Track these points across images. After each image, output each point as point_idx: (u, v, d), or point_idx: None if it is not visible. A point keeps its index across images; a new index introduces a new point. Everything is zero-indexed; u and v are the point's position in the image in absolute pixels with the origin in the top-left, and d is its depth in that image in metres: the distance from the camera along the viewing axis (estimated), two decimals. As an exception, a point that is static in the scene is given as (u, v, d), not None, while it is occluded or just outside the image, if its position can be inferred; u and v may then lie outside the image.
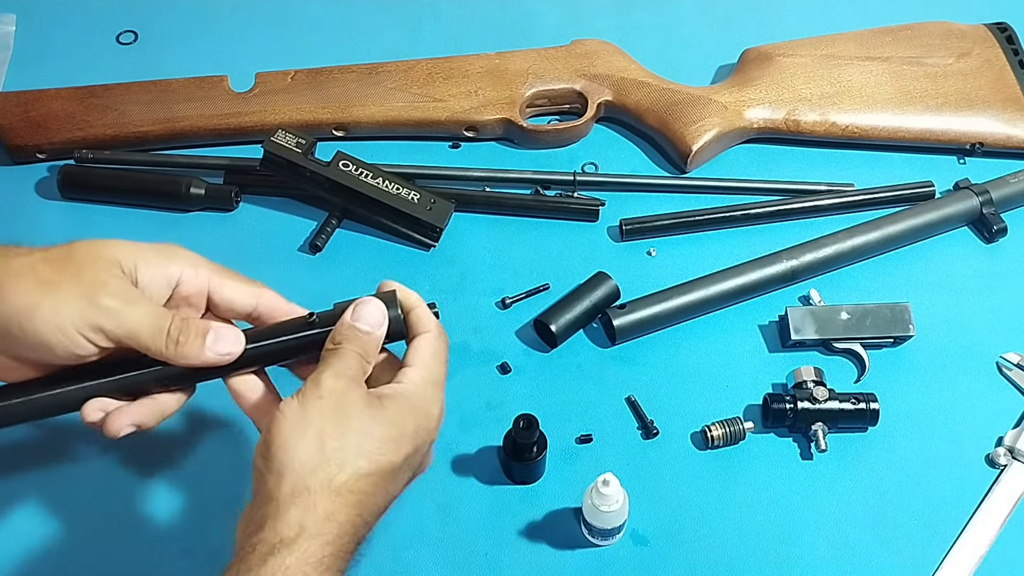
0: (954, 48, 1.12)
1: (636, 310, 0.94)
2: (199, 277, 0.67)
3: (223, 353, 0.65)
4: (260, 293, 0.69)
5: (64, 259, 0.63)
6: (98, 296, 0.61)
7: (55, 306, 0.60)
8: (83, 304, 0.61)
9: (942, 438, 0.90)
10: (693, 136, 1.06)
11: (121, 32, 1.22)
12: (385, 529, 0.84)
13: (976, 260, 1.02)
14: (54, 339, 0.61)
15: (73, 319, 0.61)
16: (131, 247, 0.65)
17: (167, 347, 0.63)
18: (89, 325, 0.61)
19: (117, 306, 0.62)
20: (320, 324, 0.68)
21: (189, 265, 0.66)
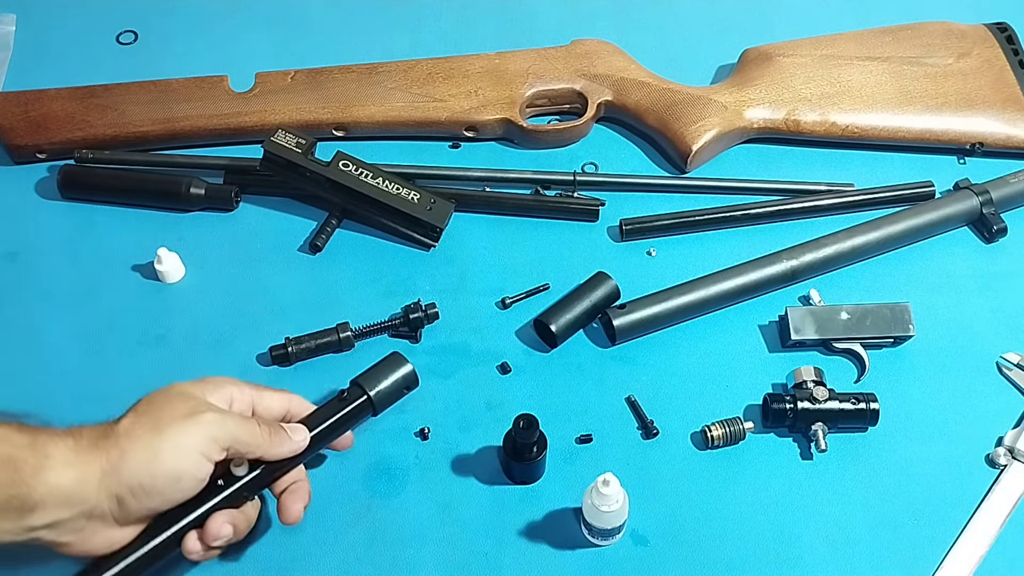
0: (954, 48, 1.12)
1: (636, 310, 0.94)
2: (244, 394, 0.76)
3: (301, 440, 0.76)
4: (290, 398, 0.80)
5: (148, 411, 0.71)
6: (200, 418, 0.70)
7: (174, 441, 0.69)
8: (193, 428, 0.69)
9: (942, 438, 0.90)
10: (693, 136, 1.06)
11: (121, 32, 1.22)
12: (385, 529, 0.85)
13: (976, 260, 1.02)
14: (183, 466, 0.69)
15: (193, 443, 0.69)
16: (190, 384, 0.74)
17: (264, 443, 0.73)
18: (205, 442, 0.70)
19: (219, 418, 0.71)
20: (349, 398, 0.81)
21: (234, 386, 0.76)
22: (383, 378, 0.82)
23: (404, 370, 0.82)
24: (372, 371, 0.82)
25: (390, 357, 0.83)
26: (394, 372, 0.82)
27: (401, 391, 0.83)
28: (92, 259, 1.02)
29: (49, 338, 0.96)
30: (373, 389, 0.81)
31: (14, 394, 0.92)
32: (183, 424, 0.69)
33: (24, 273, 1.01)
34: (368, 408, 0.81)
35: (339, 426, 0.80)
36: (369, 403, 0.81)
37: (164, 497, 0.70)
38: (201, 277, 1.01)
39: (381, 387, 0.81)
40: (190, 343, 0.96)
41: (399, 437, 0.90)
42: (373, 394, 0.81)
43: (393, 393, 0.82)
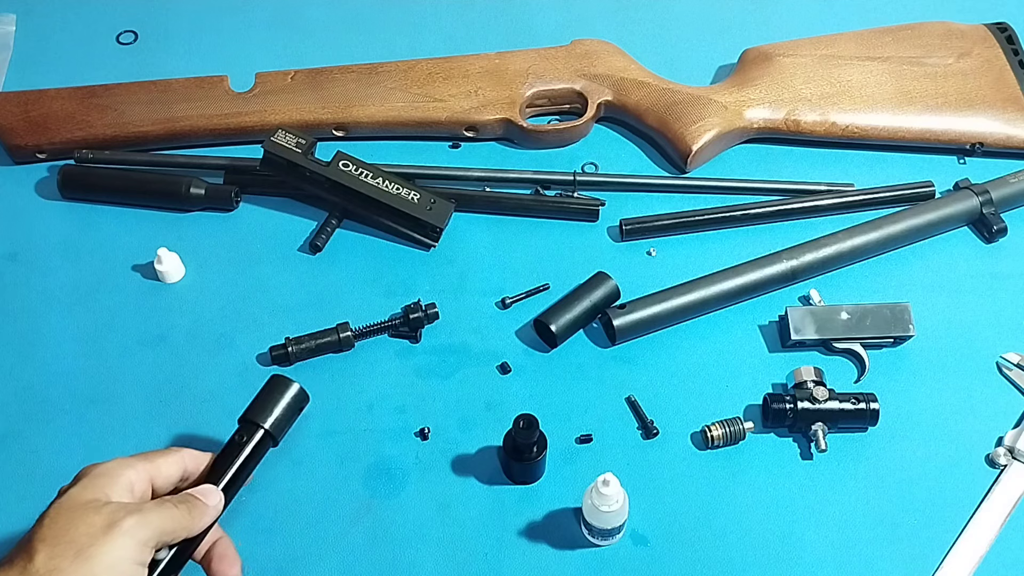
0: (954, 48, 1.12)
1: (636, 310, 0.94)
2: (140, 474, 0.69)
3: (217, 502, 0.71)
4: (182, 457, 0.73)
5: (59, 537, 0.63)
6: (121, 527, 0.63)
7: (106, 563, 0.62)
8: (119, 541, 0.63)
9: (942, 438, 0.90)
10: (693, 136, 1.06)
11: (121, 32, 1.22)
12: (385, 529, 0.85)
13: (976, 260, 1.02)
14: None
15: (127, 556, 0.63)
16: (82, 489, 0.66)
17: (188, 522, 0.68)
18: (137, 550, 0.64)
19: (139, 519, 0.64)
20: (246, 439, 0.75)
21: (128, 470, 0.68)
22: (274, 406, 0.76)
23: (292, 391, 0.77)
24: (258, 402, 0.76)
25: (272, 381, 0.77)
26: (283, 396, 0.77)
27: (295, 413, 0.78)
28: (92, 259, 1.02)
29: (49, 338, 0.97)
30: (267, 421, 0.75)
31: (14, 394, 0.92)
32: (107, 541, 0.62)
33: (24, 273, 1.01)
34: (268, 442, 0.76)
35: (244, 470, 0.74)
36: (268, 437, 0.76)
37: None
38: (201, 277, 1.01)
39: (275, 416, 0.76)
40: (190, 343, 0.96)
41: (399, 437, 0.90)
42: (269, 426, 0.75)
43: (288, 418, 0.77)
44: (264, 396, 0.77)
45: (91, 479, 0.67)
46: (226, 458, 0.74)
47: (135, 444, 0.89)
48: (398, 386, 0.93)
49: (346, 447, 0.89)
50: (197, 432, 0.90)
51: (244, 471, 0.74)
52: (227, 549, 0.74)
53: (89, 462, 0.88)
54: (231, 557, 0.73)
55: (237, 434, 0.75)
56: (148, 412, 0.91)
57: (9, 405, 0.92)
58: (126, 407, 0.92)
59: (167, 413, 0.91)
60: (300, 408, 0.78)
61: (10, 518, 0.85)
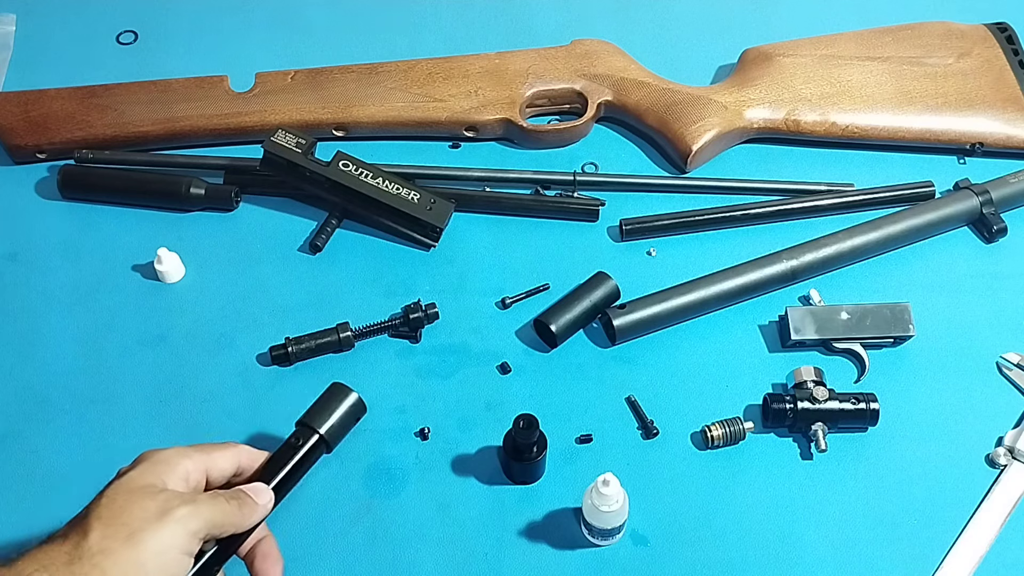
0: (954, 48, 1.12)
1: (636, 310, 0.94)
2: (197, 464, 0.70)
3: (268, 501, 0.72)
4: (238, 452, 0.74)
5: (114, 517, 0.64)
6: (174, 515, 0.64)
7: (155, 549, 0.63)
8: (171, 528, 0.64)
9: (942, 438, 0.90)
10: (693, 136, 1.06)
11: (121, 32, 1.22)
12: (385, 529, 0.85)
13: (976, 260, 1.02)
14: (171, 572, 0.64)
15: (175, 544, 0.64)
16: (141, 473, 0.67)
17: (237, 518, 0.69)
18: (186, 540, 0.65)
19: (192, 510, 0.66)
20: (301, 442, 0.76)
21: (186, 459, 0.70)
22: (331, 413, 0.78)
23: (350, 400, 0.79)
24: (318, 407, 0.78)
25: (333, 388, 0.79)
26: (341, 404, 0.78)
27: (351, 422, 0.79)
28: (92, 259, 1.02)
29: (49, 338, 0.97)
30: (323, 427, 0.77)
31: (14, 394, 0.92)
32: (159, 527, 0.64)
33: (24, 273, 1.01)
34: (322, 448, 0.77)
35: (296, 473, 0.76)
36: (323, 442, 0.77)
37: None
38: (201, 277, 1.01)
39: (331, 423, 0.77)
40: (190, 343, 0.96)
41: (399, 437, 0.90)
42: (324, 432, 0.77)
43: (344, 426, 0.79)
44: (323, 402, 0.78)
45: (150, 464, 0.68)
46: (280, 459, 0.75)
47: (135, 444, 0.88)
48: (398, 386, 0.93)
49: (346, 447, 0.89)
50: (197, 432, 0.90)
51: (296, 474, 0.75)
52: (271, 548, 0.74)
53: (89, 462, 0.88)
54: (274, 556, 0.74)
55: (293, 437, 0.76)
56: (148, 412, 0.91)
57: (9, 405, 0.92)
58: (126, 407, 0.92)
59: (167, 413, 0.91)
60: (357, 418, 0.80)
61: (10, 518, 0.85)
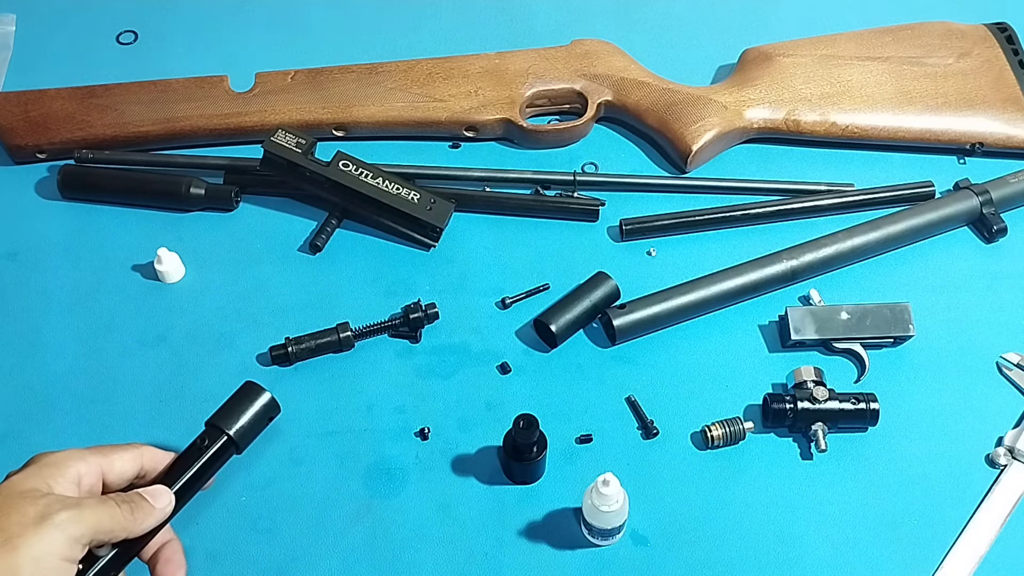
0: (954, 48, 1.12)
1: (636, 310, 0.94)
2: (91, 466, 0.67)
3: (165, 505, 0.68)
4: (140, 453, 0.70)
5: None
6: (53, 520, 0.61)
7: (31, 555, 0.60)
8: (49, 534, 0.61)
9: (942, 438, 0.90)
10: (693, 136, 1.06)
11: (121, 32, 1.22)
12: (385, 529, 0.85)
13: (976, 260, 1.02)
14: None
15: (54, 550, 0.61)
16: (25, 476, 0.64)
17: (128, 523, 0.65)
18: (66, 546, 0.61)
19: (74, 514, 0.62)
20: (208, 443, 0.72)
21: (78, 461, 0.67)
22: (241, 413, 0.74)
23: (262, 400, 0.74)
24: (227, 407, 0.74)
25: (244, 388, 0.75)
26: (252, 404, 0.74)
27: (263, 422, 0.75)
28: (92, 259, 1.02)
29: (49, 338, 0.96)
30: (232, 428, 0.73)
31: (14, 394, 0.92)
32: (36, 532, 0.60)
33: (24, 273, 1.01)
34: (231, 448, 0.73)
35: (202, 476, 0.72)
36: (231, 443, 0.73)
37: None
38: (201, 277, 1.01)
39: (241, 423, 0.73)
40: (190, 343, 0.96)
41: (399, 437, 0.90)
42: (234, 433, 0.73)
43: (255, 427, 0.74)
44: (234, 402, 0.74)
45: (38, 467, 0.65)
46: (185, 461, 0.72)
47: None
48: (398, 386, 0.93)
49: (346, 447, 0.89)
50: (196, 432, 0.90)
51: (202, 476, 0.72)
52: (174, 553, 0.71)
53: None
54: (177, 561, 0.71)
55: (200, 438, 0.73)
56: (148, 412, 0.91)
57: (9, 405, 0.92)
58: (126, 407, 0.92)
59: (167, 413, 0.91)
60: (269, 418, 0.76)
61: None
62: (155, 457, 0.72)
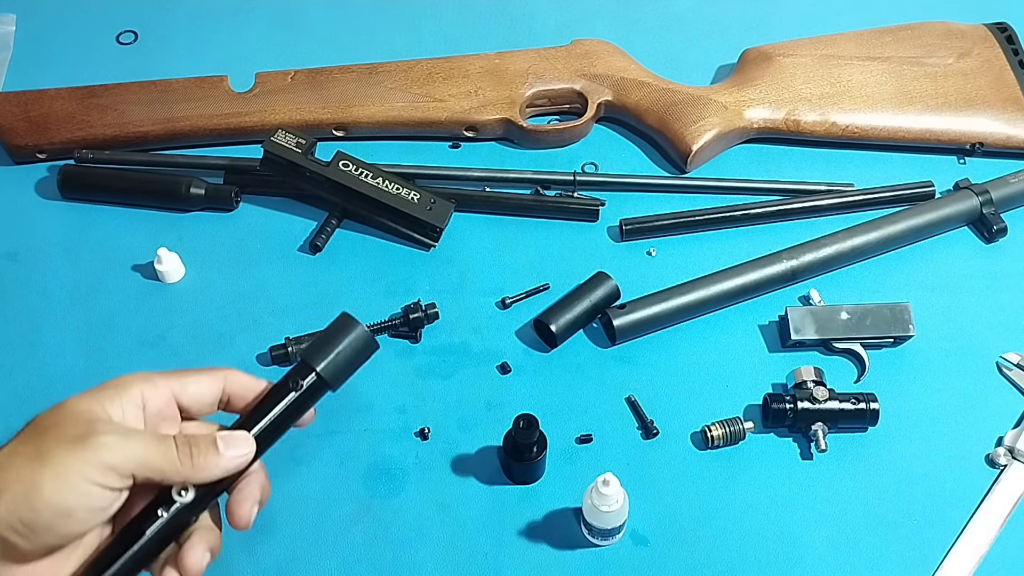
0: (954, 48, 1.12)
1: (636, 310, 0.94)
2: (159, 388, 0.63)
3: (237, 454, 0.63)
4: (224, 376, 0.65)
5: (32, 436, 0.58)
6: (91, 442, 0.57)
7: (55, 471, 0.56)
8: (82, 453, 0.57)
9: (942, 438, 0.90)
10: (693, 136, 1.06)
11: (121, 32, 1.22)
12: (385, 529, 0.85)
13: (976, 260, 1.02)
14: (70, 501, 0.57)
15: (80, 472, 0.57)
16: (85, 396, 0.60)
17: (182, 464, 0.60)
18: (98, 470, 0.57)
19: (117, 440, 0.58)
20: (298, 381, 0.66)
21: (143, 382, 0.62)
22: (334, 349, 0.67)
23: (357, 335, 0.68)
24: (320, 342, 0.67)
25: (339, 321, 0.68)
26: (346, 340, 0.67)
27: (359, 361, 0.69)
28: (92, 259, 1.02)
29: (49, 338, 0.96)
30: (323, 366, 0.66)
31: (14, 394, 0.92)
32: (69, 451, 0.57)
33: (24, 273, 1.01)
34: (324, 389, 0.68)
35: (290, 418, 0.66)
36: (323, 383, 0.67)
37: (58, 533, 0.57)
38: (201, 277, 1.01)
39: (335, 362, 0.67)
40: (190, 343, 0.96)
41: (399, 437, 0.90)
42: (323, 371, 0.66)
43: (350, 366, 0.68)
44: (327, 337, 0.67)
45: (99, 389, 0.61)
46: (271, 402, 0.65)
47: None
48: (398, 386, 0.93)
49: (346, 447, 0.89)
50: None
51: (289, 418, 0.66)
52: (251, 483, 0.65)
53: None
54: (251, 489, 0.65)
55: (291, 376, 0.66)
56: (148, 412, 0.91)
57: (9, 405, 0.92)
58: (126, 407, 0.92)
59: (167, 413, 0.91)
60: (367, 356, 0.68)
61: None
62: (242, 383, 0.66)
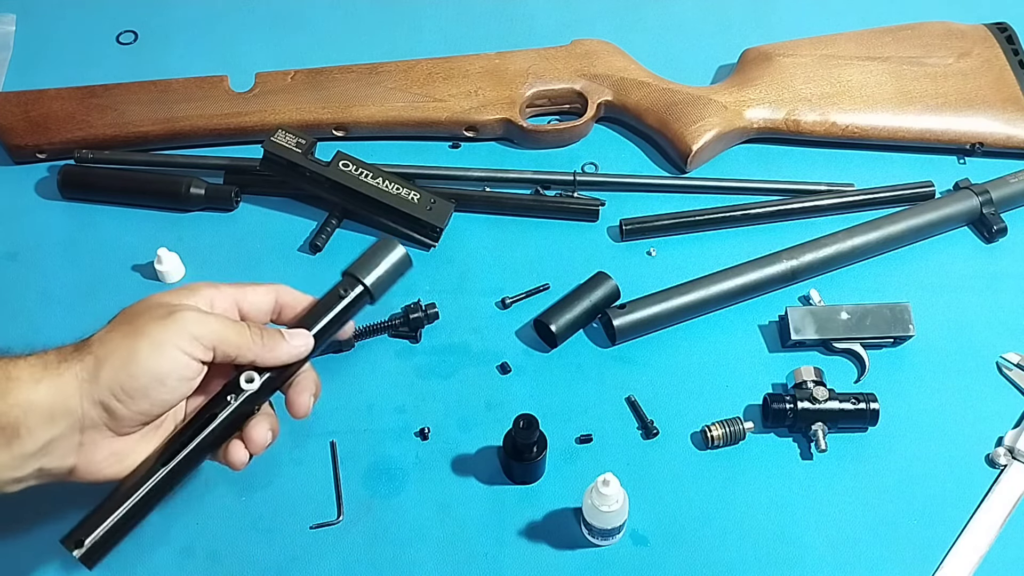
0: (954, 48, 1.12)
1: (636, 310, 0.94)
2: (224, 295, 0.72)
3: (301, 344, 0.72)
4: (277, 290, 0.75)
5: (123, 320, 0.68)
6: (178, 316, 0.66)
7: (151, 339, 0.65)
8: (172, 326, 0.66)
9: (942, 438, 0.90)
10: (693, 136, 1.06)
11: (121, 32, 1.22)
12: (385, 529, 0.85)
13: (976, 260, 1.02)
14: (164, 365, 0.66)
15: (172, 340, 0.66)
16: (168, 294, 0.70)
17: (254, 343, 0.69)
18: (186, 339, 0.66)
19: (199, 316, 0.67)
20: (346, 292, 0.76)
21: (211, 288, 0.72)
22: (377, 264, 0.78)
23: (398, 254, 0.79)
24: (365, 259, 0.78)
25: (382, 242, 0.79)
26: (388, 256, 0.78)
27: (397, 276, 0.79)
28: (92, 259, 1.02)
29: (49, 338, 0.95)
30: (369, 279, 0.77)
31: (14, 394, 0.92)
32: (160, 323, 0.66)
33: (24, 273, 1.01)
34: (366, 299, 0.78)
35: (338, 321, 0.76)
36: (366, 293, 0.77)
37: (152, 399, 0.66)
38: (201, 277, 1.00)
39: (378, 275, 0.78)
40: (190, 343, 0.96)
41: (399, 437, 0.90)
42: (370, 284, 0.77)
43: (390, 279, 0.79)
44: (371, 254, 0.78)
45: (174, 290, 0.71)
46: (324, 307, 0.75)
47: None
48: (398, 386, 0.93)
49: (346, 447, 0.89)
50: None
51: (338, 323, 0.76)
52: (306, 377, 0.75)
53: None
54: (307, 383, 0.75)
55: (339, 286, 0.76)
56: (148, 412, 0.91)
57: (9, 405, 0.92)
58: (126, 407, 0.92)
59: (167, 413, 0.91)
60: (403, 272, 0.79)
61: (12, 519, 0.85)
62: (293, 295, 0.75)
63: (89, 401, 0.65)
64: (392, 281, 0.79)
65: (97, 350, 0.65)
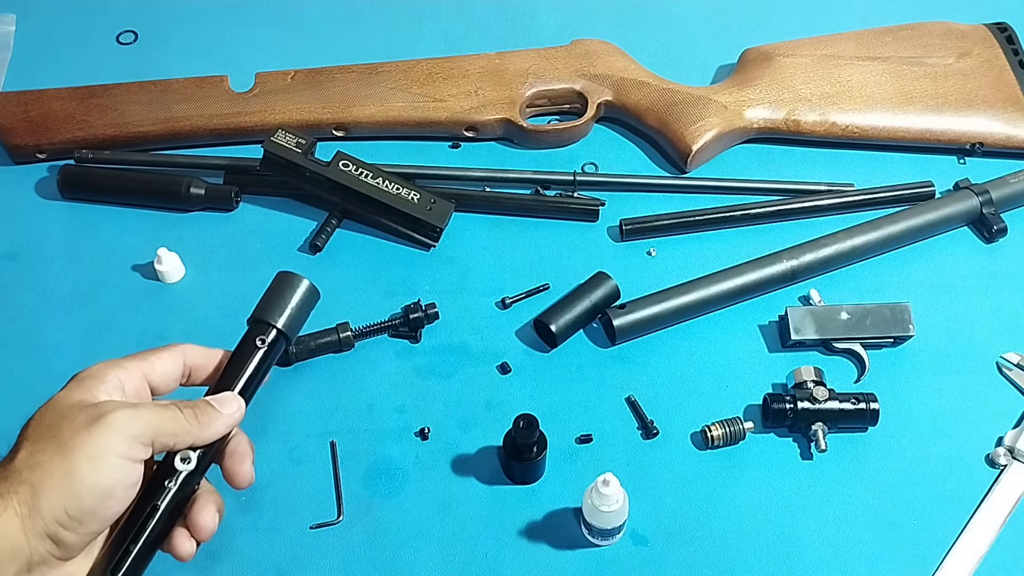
0: (954, 48, 1.12)
1: (636, 310, 0.94)
2: (131, 373, 0.65)
3: (235, 410, 0.66)
4: (182, 352, 0.69)
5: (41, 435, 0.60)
6: (106, 420, 0.60)
7: (87, 454, 0.59)
8: (104, 432, 0.59)
9: (942, 438, 0.90)
10: (693, 136, 1.06)
11: (121, 32, 1.22)
12: (385, 529, 0.85)
13: (976, 260, 1.02)
14: (109, 479, 0.59)
15: (111, 449, 0.59)
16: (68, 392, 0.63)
17: (190, 424, 0.63)
18: (124, 444, 0.60)
19: (129, 412, 0.61)
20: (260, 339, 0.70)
21: (115, 368, 0.65)
22: (286, 303, 0.71)
23: (303, 287, 0.72)
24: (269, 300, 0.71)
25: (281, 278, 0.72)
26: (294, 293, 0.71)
27: (308, 310, 0.73)
28: (92, 259, 1.02)
29: (49, 338, 0.96)
30: (280, 320, 0.70)
31: (14, 394, 0.92)
32: (90, 432, 0.59)
33: (24, 273, 1.01)
34: (282, 342, 0.71)
35: (260, 372, 0.70)
36: (282, 336, 0.71)
37: (101, 517, 0.60)
38: (201, 277, 1.01)
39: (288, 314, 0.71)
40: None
41: (399, 437, 0.90)
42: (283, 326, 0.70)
43: (301, 316, 0.72)
44: (275, 294, 0.71)
45: (76, 382, 0.64)
46: (240, 361, 0.69)
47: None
48: (398, 386, 0.93)
49: (346, 447, 0.89)
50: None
51: (260, 373, 0.70)
52: (239, 444, 0.68)
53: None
54: (243, 450, 0.68)
55: (251, 335, 0.70)
56: (148, 412, 0.91)
57: (9, 405, 0.92)
58: (126, 407, 0.92)
59: (167, 413, 0.91)
60: (312, 304, 0.73)
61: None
62: (200, 354, 0.69)
63: (36, 537, 0.58)
64: (304, 317, 0.73)
65: (29, 477, 0.58)
